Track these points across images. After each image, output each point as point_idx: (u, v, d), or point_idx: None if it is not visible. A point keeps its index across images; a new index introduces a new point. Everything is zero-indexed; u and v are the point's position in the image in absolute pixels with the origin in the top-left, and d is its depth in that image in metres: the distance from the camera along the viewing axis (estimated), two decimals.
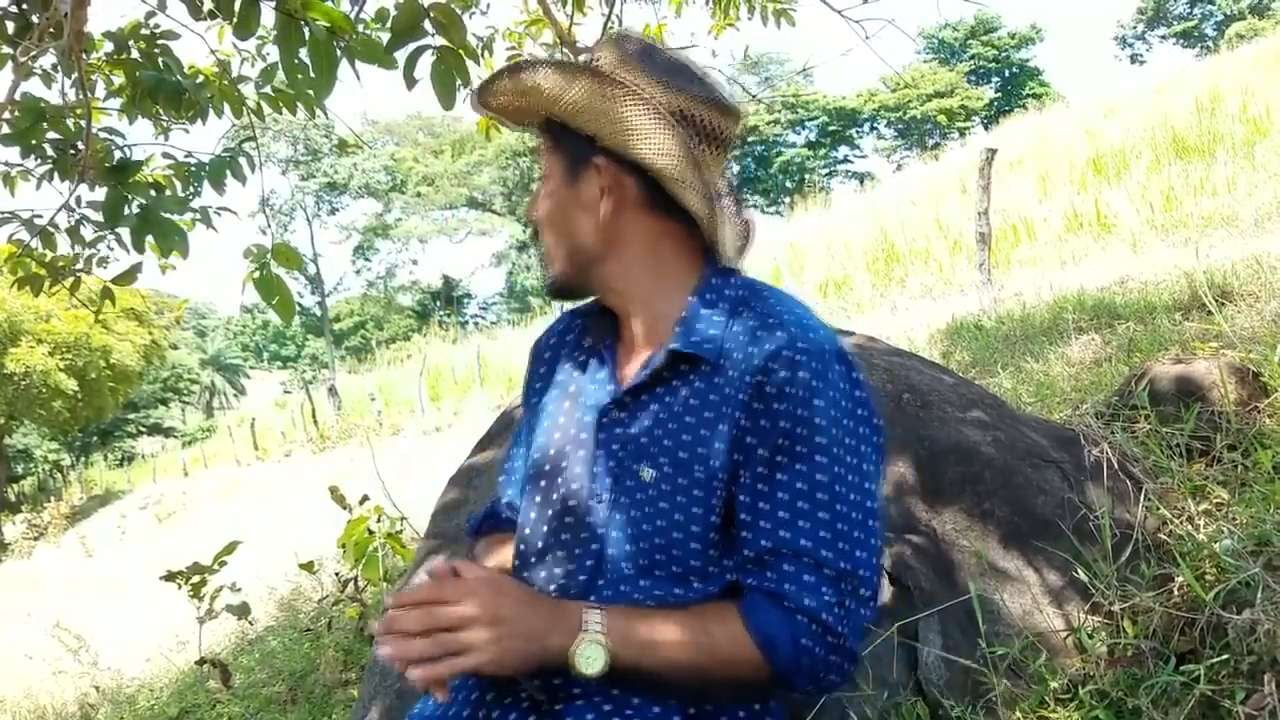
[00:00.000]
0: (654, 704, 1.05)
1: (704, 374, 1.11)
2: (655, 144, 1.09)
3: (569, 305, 1.33)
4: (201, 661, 3.68)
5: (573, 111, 1.11)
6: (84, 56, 2.39)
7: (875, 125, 48.68)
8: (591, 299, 1.27)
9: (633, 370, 1.17)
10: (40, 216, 2.63)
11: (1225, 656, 1.43)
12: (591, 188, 1.14)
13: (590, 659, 0.98)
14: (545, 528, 1.18)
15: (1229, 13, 42.36)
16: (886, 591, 1.84)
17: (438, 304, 52.97)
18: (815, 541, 1.03)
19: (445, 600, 0.97)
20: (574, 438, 1.18)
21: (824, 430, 1.05)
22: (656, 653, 1.00)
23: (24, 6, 2.46)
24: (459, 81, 1.94)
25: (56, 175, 2.62)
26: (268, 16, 1.96)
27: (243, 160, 2.81)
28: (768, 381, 1.05)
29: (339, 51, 1.87)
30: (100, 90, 3.00)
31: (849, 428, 1.07)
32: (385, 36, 1.98)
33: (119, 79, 2.98)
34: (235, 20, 1.97)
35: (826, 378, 1.06)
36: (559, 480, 1.17)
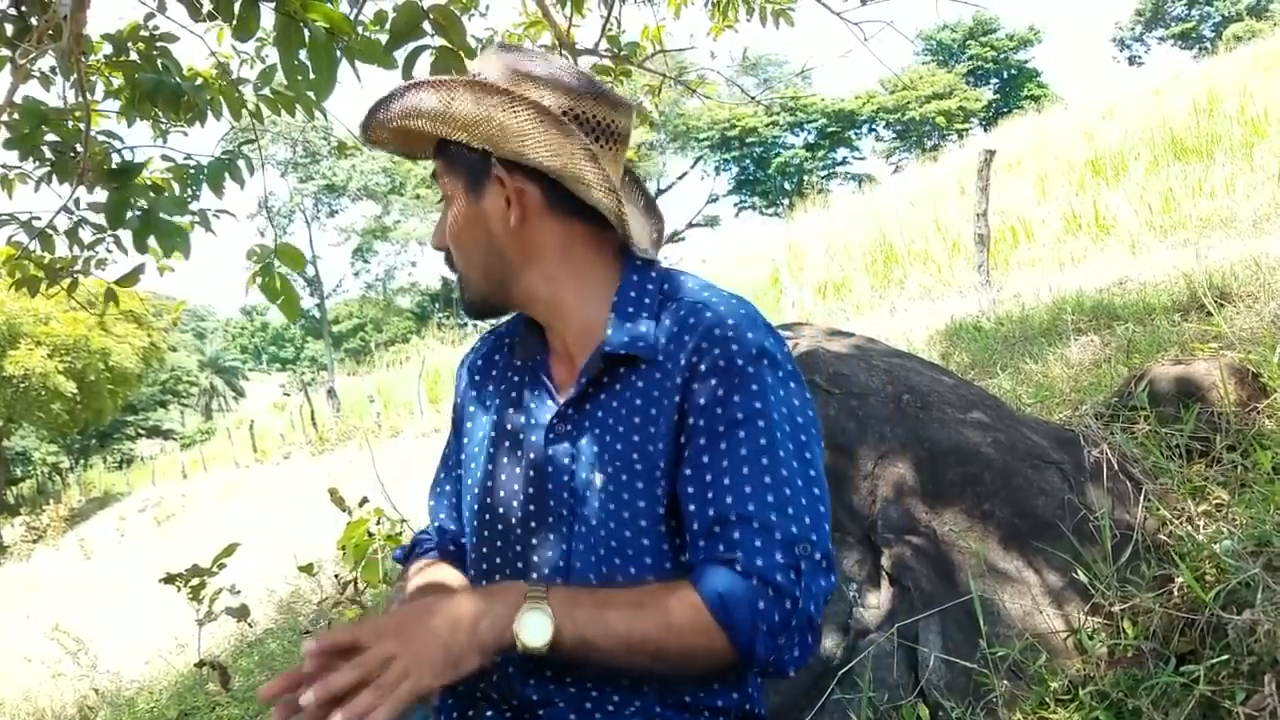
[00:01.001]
0: (635, 697, 1.05)
1: (642, 372, 1.10)
2: (548, 146, 1.08)
3: (489, 324, 1.32)
4: (201, 664, 3.67)
5: (460, 127, 1.09)
6: (83, 59, 2.39)
7: (874, 127, 48.69)
8: (512, 315, 1.26)
9: (569, 380, 1.16)
10: (39, 219, 2.63)
11: (1225, 657, 1.43)
12: (496, 201, 1.12)
13: (534, 627, 0.95)
14: (504, 556, 1.16)
15: (1227, 14, 42.41)
16: (886, 592, 1.84)
17: (437, 306, 52.95)
18: (761, 506, 1.01)
19: (358, 647, 0.93)
20: (519, 458, 1.16)
21: (761, 396, 1.05)
22: (606, 627, 0.97)
23: (23, 9, 2.45)
24: None
25: (55, 177, 2.61)
26: (267, 18, 1.96)
27: (241, 163, 2.81)
28: (701, 361, 1.06)
29: (339, 52, 1.87)
30: (99, 92, 2.99)
31: (784, 398, 1.07)
32: (384, 39, 1.99)
33: (118, 81, 2.97)
34: (234, 22, 1.97)
35: (760, 349, 1.07)
36: (514, 504, 1.16)
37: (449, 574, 1.23)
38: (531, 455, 1.15)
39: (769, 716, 1.63)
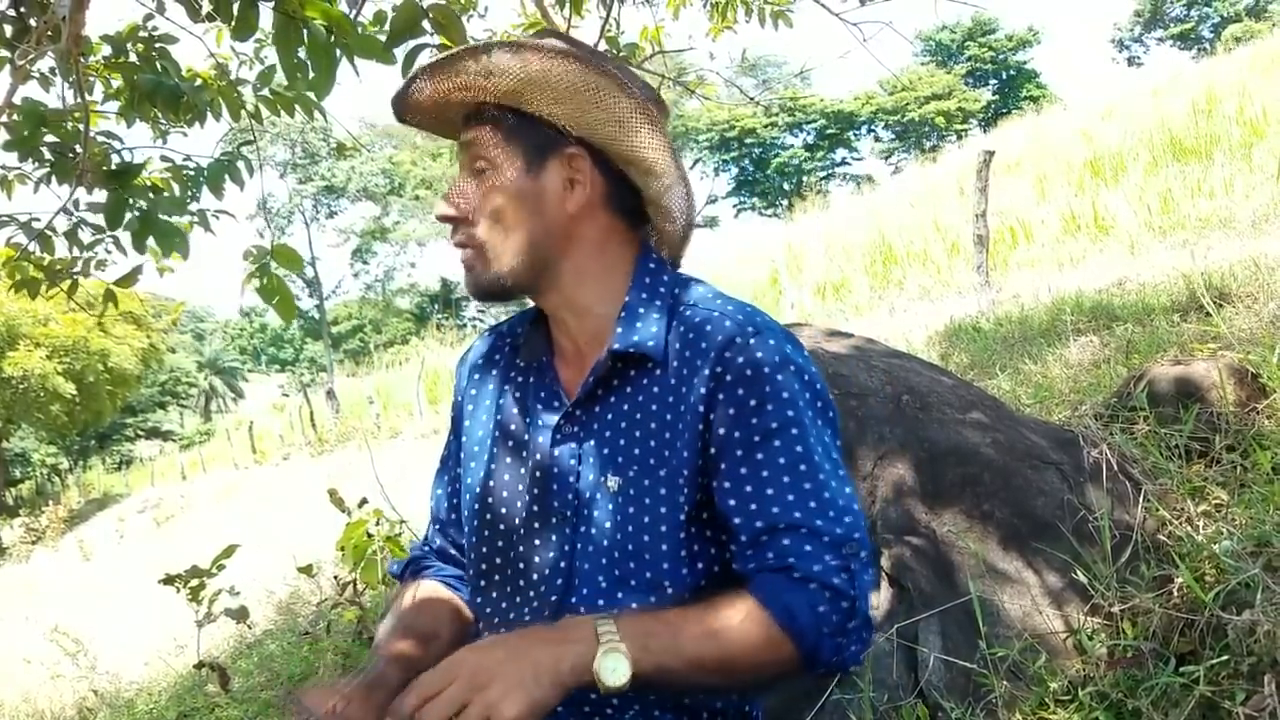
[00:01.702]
0: (634, 700, 1.04)
1: (654, 376, 1.09)
2: (643, 138, 1.06)
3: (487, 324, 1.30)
4: (200, 665, 3.67)
5: (555, 97, 1.05)
6: (82, 60, 2.39)
7: (873, 128, 48.72)
8: (512, 315, 1.25)
9: (576, 381, 1.14)
10: (38, 220, 2.63)
11: (1225, 657, 1.43)
12: (555, 180, 1.08)
13: (614, 670, 0.93)
14: (504, 556, 1.15)
15: (1225, 15, 42.45)
16: (886, 593, 1.84)
17: (436, 307, 52.96)
18: (806, 512, 1.02)
19: (437, 689, 0.90)
20: (523, 459, 1.15)
21: (792, 404, 1.05)
22: (679, 652, 0.96)
23: (22, 10, 2.45)
24: None
25: (54, 178, 2.61)
26: (266, 19, 1.96)
27: (241, 164, 2.81)
28: (727, 370, 1.05)
29: (338, 51, 1.87)
30: (98, 93, 2.99)
31: (809, 400, 1.08)
32: (383, 38, 1.98)
33: (117, 82, 2.97)
34: (233, 22, 1.97)
35: (782, 356, 1.07)
36: (516, 505, 1.15)
37: (442, 609, 1.21)
38: (537, 456, 1.13)
39: (769, 717, 1.63)
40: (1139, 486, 1.98)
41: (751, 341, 1.06)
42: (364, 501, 3.31)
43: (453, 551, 1.29)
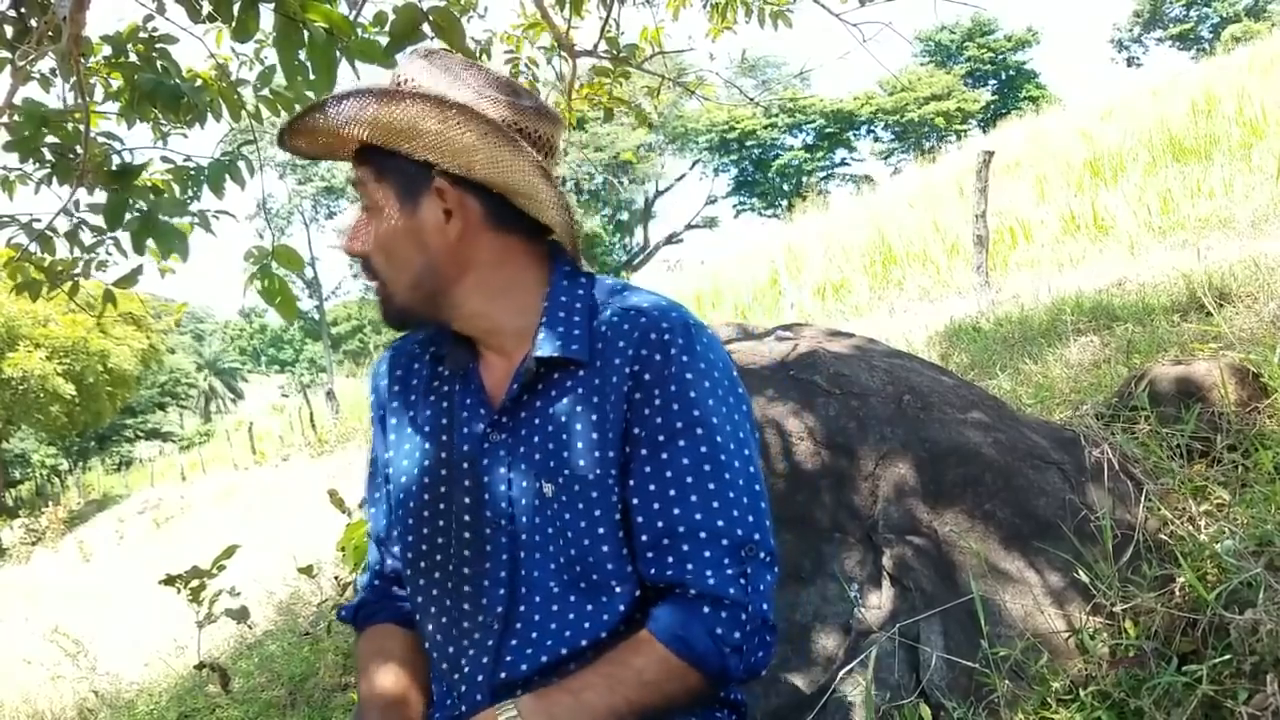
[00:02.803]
0: None
1: (578, 377, 1.10)
2: (498, 162, 1.07)
3: (400, 335, 1.29)
4: (200, 666, 3.67)
5: (404, 138, 1.07)
6: (82, 60, 2.39)
7: (872, 128, 48.70)
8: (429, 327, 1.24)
9: (500, 389, 1.14)
10: (39, 221, 2.63)
11: (1227, 657, 1.43)
12: (433, 213, 1.10)
13: None
14: (443, 570, 1.14)
15: (1225, 15, 42.47)
16: (888, 592, 1.84)
17: None
18: (707, 514, 1.04)
19: None
20: (454, 469, 1.14)
21: (702, 403, 1.07)
22: (587, 711, 0.98)
23: (22, 10, 2.45)
24: None
25: (55, 179, 2.61)
26: (266, 20, 1.96)
27: (241, 164, 2.81)
28: (645, 368, 1.07)
29: (338, 53, 1.87)
30: (99, 94, 2.99)
31: (722, 398, 1.10)
32: (384, 41, 1.99)
33: (117, 83, 2.97)
34: (234, 23, 1.97)
35: (696, 351, 1.09)
36: (450, 516, 1.14)
37: (398, 664, 1.19)
38: (465, 465, 1.13)
39: (770, 717, 1.63)
40: (1140, 486, 1.98)
41: (667, 336, 1.08)
42: (364, 502, 3.31)
43: (400, 601, 1.26)
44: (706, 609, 1.02)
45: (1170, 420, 2.21)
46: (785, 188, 46.12)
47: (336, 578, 3.89)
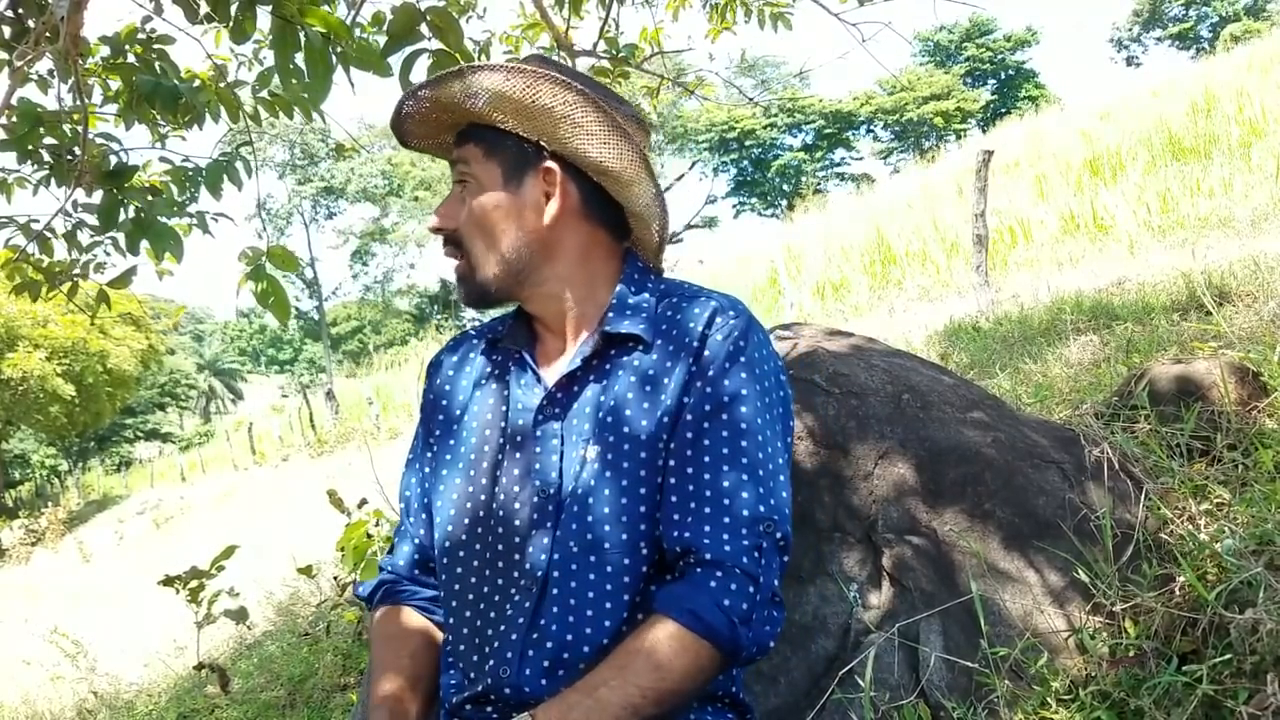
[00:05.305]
0: None
1: (640, 354, 1.15)
2: (614, 147, 1.13)
3: (456, 334, 1.34)
4: (200, 666, 3.66)
5: (524, 115, 1.13)
6: (80, 61, 2.39)
7: (872, 128, 48.73)
8: (495, 313, 1.29)
9: (559, 368, 1.19)
10: (37, 221, 2.63)
11: (1228, 656, 1.43)
12: (534, 193, 1.16)
13: None
14: (484, 542, 1.17)
15: (1224, 15, 42.49)
16: (887, 592, 1.84)
17: (435, 308, 52.99)
18: (733, 485, 1.07)
19: None
20: (508, 443, 1.18)
21: (748, 390, 1.11)
22: (604, 706, 0.99)
23: (20, 11, 2.45)
24: None
25: (53, 180, 2.61)
26: (264, 21, 1.95)
27: (239, 165, 2.80)
28: (705, 347, 1.12)
29: (334, 57, 1.87)
30: (97, 95, 2.98)
31: (767, 389, 1.14)
32: (381, 40, 1.98)
33: (115, 84, 2.96)
34: (231, 25, 1.97)
35: (753, 342, 1.15)
36: (499, 486, 1.17)
37: (419, 644, 1.23)
38: (518, 438, 1.17)
39: (770, 717, 1.63)
40: (1140, 485, 1.97)
41: (731, 319, 1.14)
42: (363, 502, 3.31)
43: (426, 558, 1.29)
44: (715, 581, 1.04)
45: (1170, 419, 2.21)
46: (784, 188, 46.15)
47: (336, 578, 3.89)
